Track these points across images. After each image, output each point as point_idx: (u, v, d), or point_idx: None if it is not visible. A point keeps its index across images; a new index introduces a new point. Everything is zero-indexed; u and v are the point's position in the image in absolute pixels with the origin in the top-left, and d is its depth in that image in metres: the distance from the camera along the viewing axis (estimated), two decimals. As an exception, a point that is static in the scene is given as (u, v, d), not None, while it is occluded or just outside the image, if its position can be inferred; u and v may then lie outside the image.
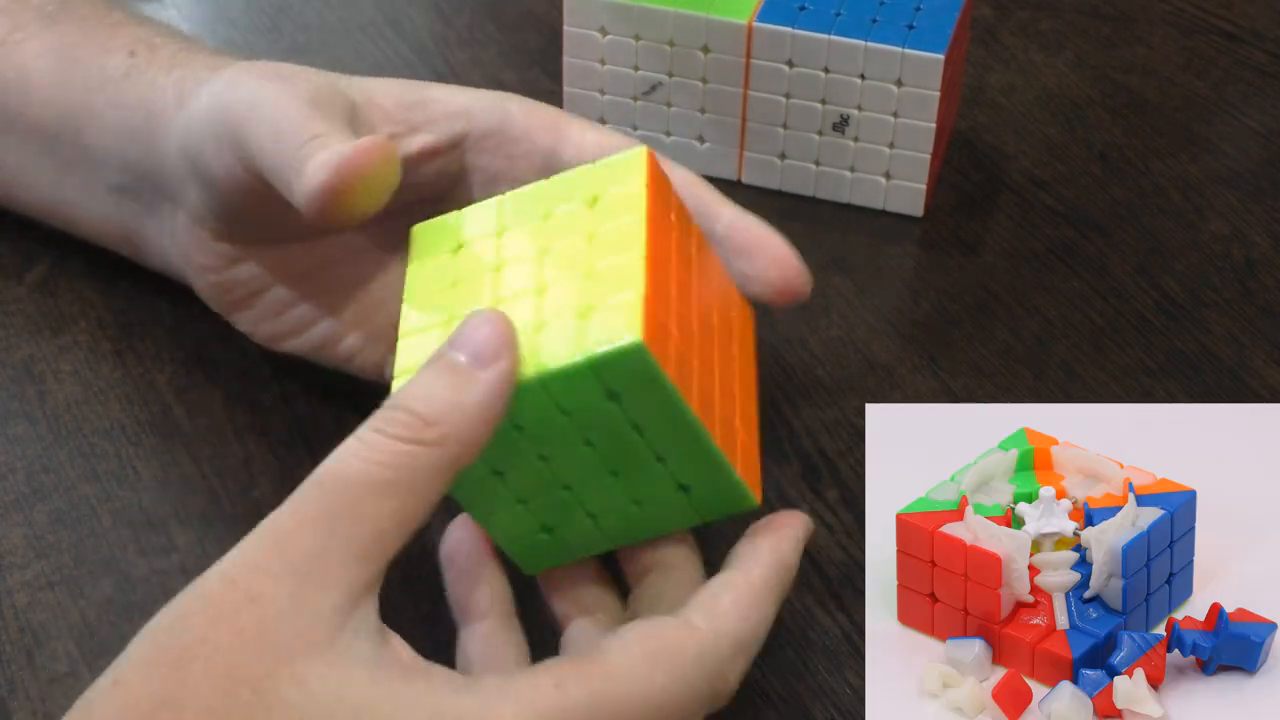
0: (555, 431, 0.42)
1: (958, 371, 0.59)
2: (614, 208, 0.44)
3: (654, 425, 0.42)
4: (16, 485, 0.55)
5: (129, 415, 0.57)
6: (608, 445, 0.43)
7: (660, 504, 0.45)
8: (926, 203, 0.65)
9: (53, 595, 0.52)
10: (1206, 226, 0.65)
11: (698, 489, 0.44)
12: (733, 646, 0.42)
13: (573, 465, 0.43)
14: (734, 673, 0.42)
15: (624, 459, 0.43)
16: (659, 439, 0.43)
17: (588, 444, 0.43)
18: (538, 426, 0.42)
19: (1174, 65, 0.73)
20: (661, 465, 0.44)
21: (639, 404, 0.42)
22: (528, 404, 0.41)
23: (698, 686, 0.41)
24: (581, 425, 0.42)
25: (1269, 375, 0.59)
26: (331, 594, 0.38)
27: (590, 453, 0.43)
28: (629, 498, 0.44)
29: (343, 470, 0.40)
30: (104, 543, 0.53)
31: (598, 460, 0.43)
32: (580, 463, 0.43)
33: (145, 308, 0.61)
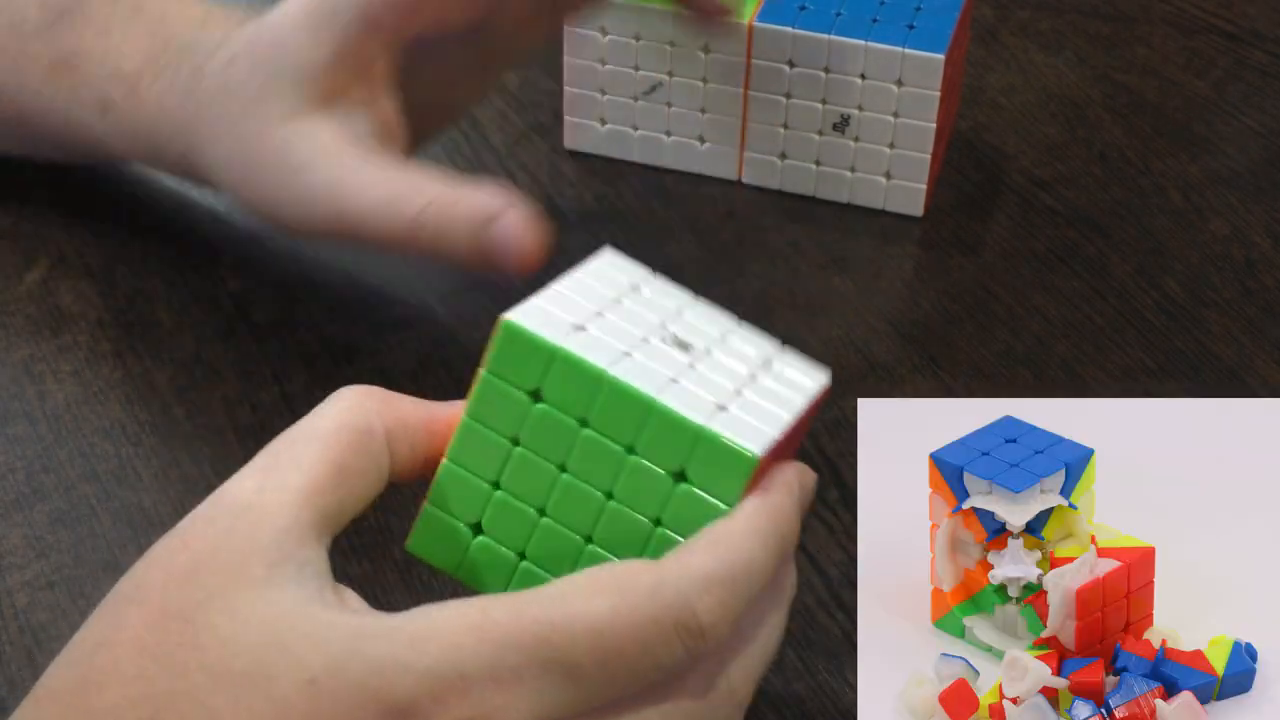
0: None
1: (958, 371, 0.59)
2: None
3: None
4: (16, 485, 0.55)
5: (129, 415, 0.57)
6: None
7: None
8: (926, 203, 0.65)
9: (53, 595, 0.52)
10: (1207, 226, 0.65)
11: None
12: (700, 579, 0.38)
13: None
14: (706, 610, 0.38)
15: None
16: None
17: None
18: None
19: (1174, 65, 0.73)
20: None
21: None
22: None
23: (655, 618, 0.37)
24: None
25: (1269, 375, 0.59)
26: (266, 531, 0.38)
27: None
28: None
29: (290, 429, 0.41)
30: (104, 543, 0.53)
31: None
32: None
33: (145, 308, 0.61)
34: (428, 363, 0.59)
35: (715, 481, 0.39)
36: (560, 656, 0.37)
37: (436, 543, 0.42)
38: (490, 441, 0.41)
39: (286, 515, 0.38)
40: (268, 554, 0.37)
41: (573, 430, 0.40)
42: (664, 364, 0.41)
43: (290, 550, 0.38)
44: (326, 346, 0.59)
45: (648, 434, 0.40)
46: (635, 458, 0.40)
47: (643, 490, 0.40)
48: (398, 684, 0.36)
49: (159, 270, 0.62)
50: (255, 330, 0.60)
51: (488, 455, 0.41)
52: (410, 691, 0.36)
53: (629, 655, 0.37)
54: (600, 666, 0.37)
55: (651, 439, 0.40)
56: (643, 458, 0.40)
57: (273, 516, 0.38)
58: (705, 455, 0.39)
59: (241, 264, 0.62)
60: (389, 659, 0.36)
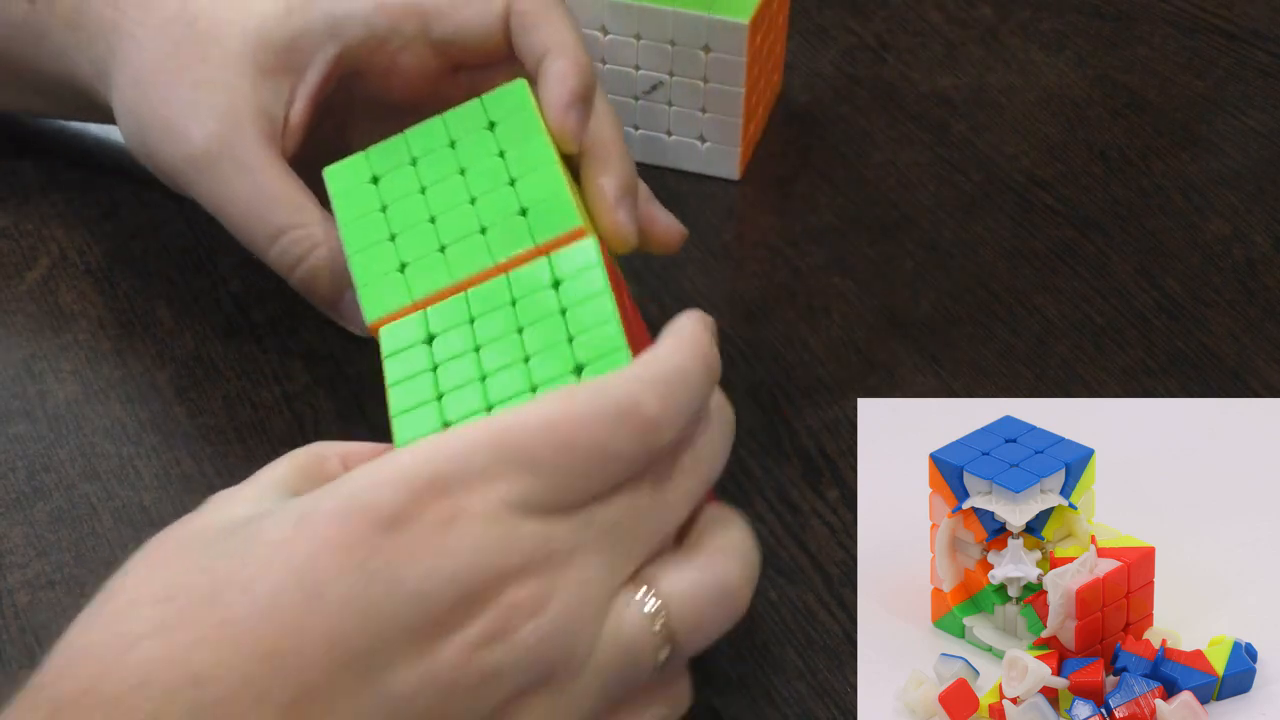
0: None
1: (958, 371, 0.59)
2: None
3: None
4: (17, 484, 0.55)
5: (129, 414, 0.57)
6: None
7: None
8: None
9: (53, 594, 0.52)
10: (1207, 226, 0.65)
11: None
12: (641, 380, 0.41)
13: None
14: (649, 404, 0.41)
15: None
16: None
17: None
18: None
19: (1174, 65, 0.73)
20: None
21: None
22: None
23: (603, 410, 0.40)
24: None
25: (1270, 375, 0.59)
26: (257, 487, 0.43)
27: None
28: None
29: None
30: (104, 542, 0.53)
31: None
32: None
33: (145, 308, 0.61)
34: (428, 362, 0.59)
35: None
36: (520, 451, 0.40)
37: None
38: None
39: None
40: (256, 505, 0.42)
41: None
42: None
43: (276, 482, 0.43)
44: (326, 346, 0.59)
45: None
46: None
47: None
48: (379, 497, 0.39)
49: (159, 270, 0.62)
50: (255, 330, 0.60)
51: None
52: (391, 500, 0.39)
53: (582, 446, 0.40)
54: (557, 457, 0.40)
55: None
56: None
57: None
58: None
59: (241, 264, 0.62)
60: (365, 480, 0.40)
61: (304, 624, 0.38)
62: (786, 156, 0.68)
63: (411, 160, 0.51)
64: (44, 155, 0.66)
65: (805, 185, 0.67)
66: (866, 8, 0.76)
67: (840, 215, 0.65)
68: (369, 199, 0.51)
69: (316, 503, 0.40)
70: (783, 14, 0.68)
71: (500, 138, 0.51)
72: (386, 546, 0.39)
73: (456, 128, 0.51)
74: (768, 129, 0.69)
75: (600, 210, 0.51)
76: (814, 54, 0.73)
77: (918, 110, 0.70)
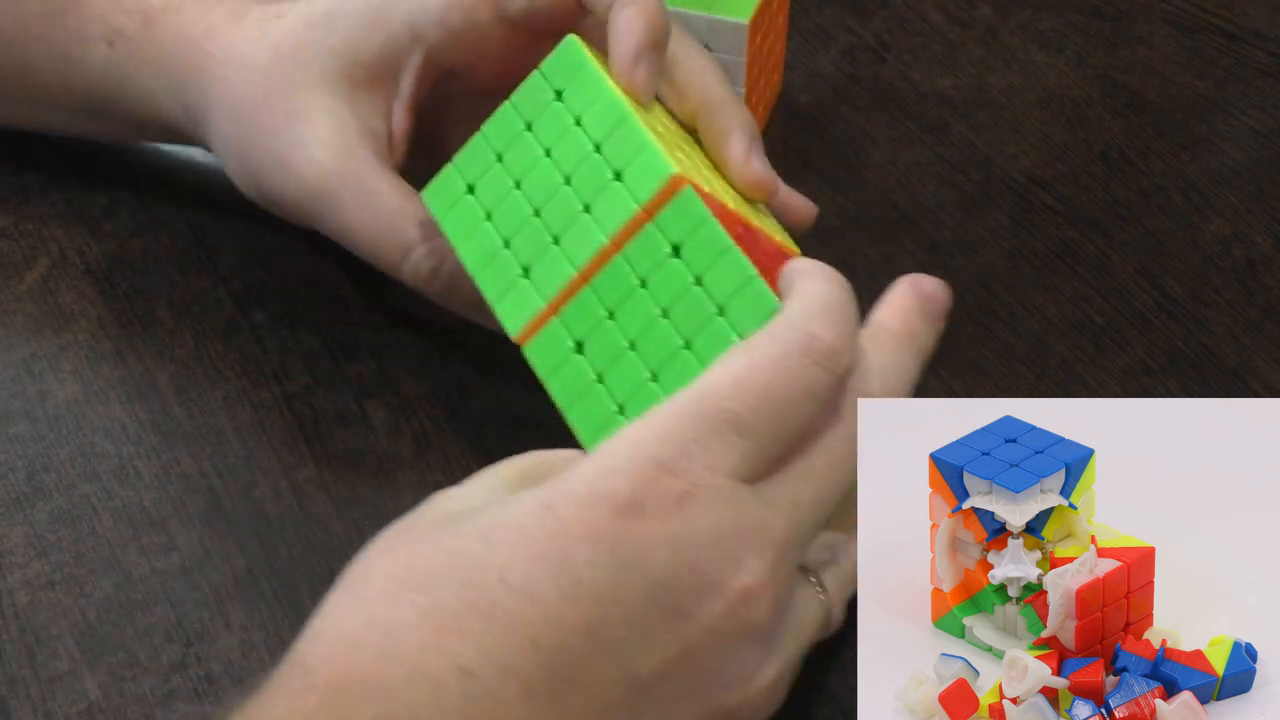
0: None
1: (958, 371, 0.59)
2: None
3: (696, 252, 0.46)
4: (17, 484, 0.55)
5: (129, 415, 0.57)
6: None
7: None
8: None
9: (53, 594, 0.52)
10: (1207, 226, 0.65)
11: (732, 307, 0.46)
12: (804, 314, 0.43)
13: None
14: (823, 330, 0.43)
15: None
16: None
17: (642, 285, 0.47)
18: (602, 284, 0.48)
19: (1174, 65, 0.73)
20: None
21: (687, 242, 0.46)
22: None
23: (785, 353, 0.42)
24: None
25: (1270, 375, 0.59)
26: (487, 480, 0.44)
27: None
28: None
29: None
30: (104, 542, 0.53)
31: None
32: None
33: (145, 308, 0.61)
34: (427, 362, 0.59)
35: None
36: (723, 415, 0.41)
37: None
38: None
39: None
40: (493, 493, 0.43)
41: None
42: None
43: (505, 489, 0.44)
44: (326, 346, 0.59)
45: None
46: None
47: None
48: (615, 484, 0.40)
49: (159, 270, 0.62)
50: (255, 330, 0.60)
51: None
52: (627, 488, 0.40)
53: (778, 394, 0.42)
54: (758, 412, 0.42)
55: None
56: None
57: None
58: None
59: (241, 264, 0.62)
60: (597, 467, 0.41)
61: (564, 614, 0.39)
62: (786, 157, 0.68)
63: (497, 157, 0.50)
64: (44, 155, 0.66)
65: (805, 185, 0.67)
66: (866, 8, 0.76)
67: (840, 215, 0.65)
68: (472, 211, 0.50)
69: (555, 492, 0.41)
70: (783, 14, 0.68)
71: (570, 104, 0.50)
72: (630, 533, 0.40)
73: (527, 108, 0.50)
74: (768, 129, 0.69)
75: (730, 166, 0.53)
76: (814, 54, 0.73)
77: (918, 110, 0.70)
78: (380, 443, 0.56)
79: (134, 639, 0.51)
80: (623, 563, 0.40)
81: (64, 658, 0.50)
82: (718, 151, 0.53)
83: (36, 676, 0.50)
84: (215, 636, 0.51)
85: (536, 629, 0.39)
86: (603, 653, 0.40)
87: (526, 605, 0.39)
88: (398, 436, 0.56)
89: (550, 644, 0.39)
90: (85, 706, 0.49)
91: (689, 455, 0.41)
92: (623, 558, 0.40)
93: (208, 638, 0.51)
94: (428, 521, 0.42)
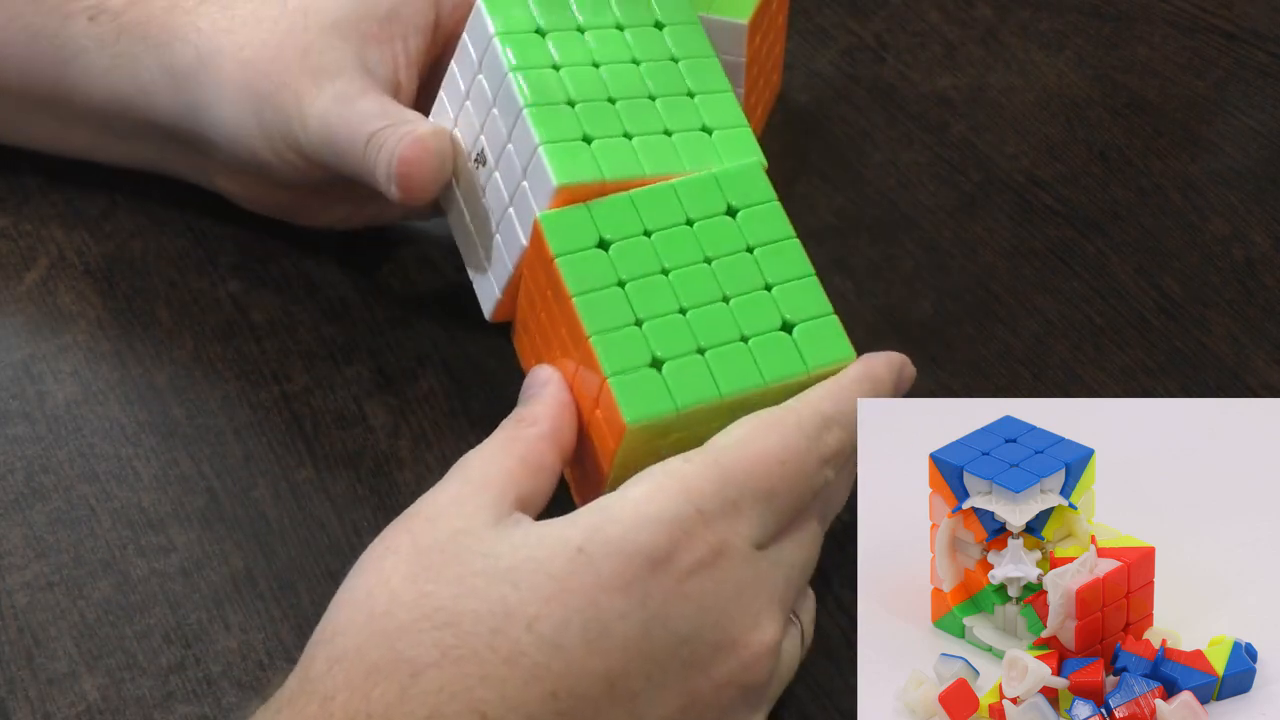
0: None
1: (957, 371, 0.59)
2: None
3: None
4: (16, 485, 0.55)
5: (128, 415, 0.57)
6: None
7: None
8: None
9: (52, 595, 0.52)
10: (1206, 226, 0.65)
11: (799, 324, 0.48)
12: (823, 416, 0.46)
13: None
14: (827, 444, 0.46)
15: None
16: None
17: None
18: None
19: (1174, 65, 0.73)
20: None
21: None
22: None
23: (802, 446, 0.45)
24: None
25: (1269, 375, 0.59)
26: (487, 496, 0.43)
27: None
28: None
29: (476, 459, 0.46)
30: (103, 543, 0.53)
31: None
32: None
33: (144, 308, 0.61)
34: (428, 363, 0.59)
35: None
36: (762, 485, 0.44)
37: (643, 398, 0.46)
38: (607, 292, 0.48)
39: (495, 489, 0.44)
40: (489, 512, 0.43)
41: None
42: None
43: (504, 508, 0.43)
44: (326, 346, 0.59)
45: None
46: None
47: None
48: (653, 535, 0.41)
49: (159, 270, 0.62)
50: (255, 330, 0.60)
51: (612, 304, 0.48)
52: (665, 538, 0.41)
53: (804, 483, 0.45)
54: (787, 490, 0.44)
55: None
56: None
57: (495, 488, 0.44)
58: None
59: (241, 264, 0.62)
60: (634, 519, 0.41)
61: (587, 665, 0.40)
62: (786, 157, 0.68)
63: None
64: (43, 155, 0.66)
65: (805, 185, 0.67)
66: (866, 8, 0.76)
67: (840, 215, 0.65)
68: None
69: (590, 536, 0.41)
70: (782, 14, 0.68)
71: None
72: (660, 586, 0.41)
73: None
74: (767, 129, 0.69)
75: None
76: (813, 54, 0.73)
77: (917, 110, 0.70)
78: (379, 443, 0.56)
79: (133, 640, 0.51)
80: (652, 616, 0.40)
81: (63, 659, 0.50)
82: None
83: (35, 678, 0.50)
84: (214, 638, 0.51)
85: (558, 680, 0.39)
86: (618, 702, 0.40)
87: (552, 655, 0.39)
88: (397, 437, 0.56)
89: (569, 693, 0.39)
90: (84, 708, 0.49)
91: (726, 513, 0.43)
92: (653, 611, 0.40)
93: (206, 639, 0.51)
94: (447, 541, 0.42)
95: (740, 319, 0.48)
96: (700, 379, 0.46)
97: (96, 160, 0.63)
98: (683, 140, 0.51)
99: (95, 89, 0.59)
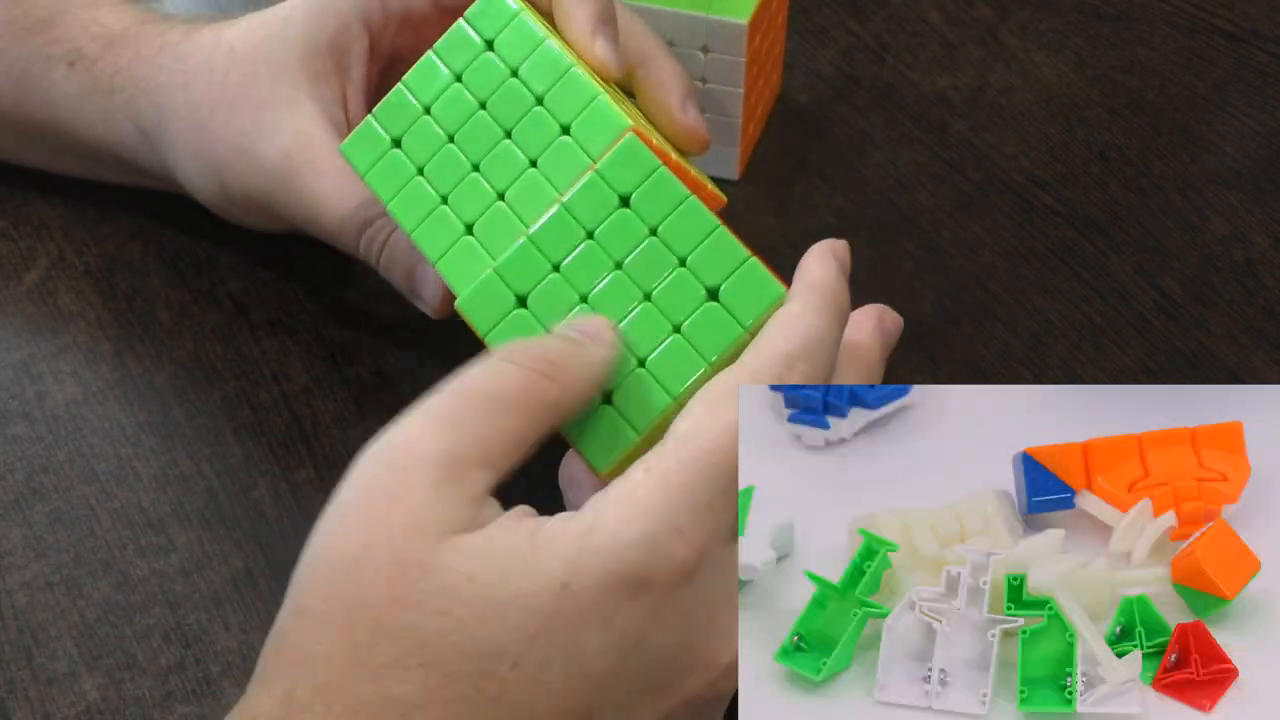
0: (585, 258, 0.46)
1: (957, 371, 0.59)
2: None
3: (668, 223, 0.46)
4: (15, 485, 0.55)
5: (128, 416, 0.57)
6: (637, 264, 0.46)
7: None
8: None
9: (52, 595, 0.52)
10: (1206, 226, 0.65)
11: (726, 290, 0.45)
12: (779, 357, 0.43)
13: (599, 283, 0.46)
14: (794, 383, 0.44)
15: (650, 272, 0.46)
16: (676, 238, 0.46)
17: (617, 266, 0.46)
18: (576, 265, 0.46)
19: (1174, 65, 0.73)
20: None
21: (647, 202, 0.46)
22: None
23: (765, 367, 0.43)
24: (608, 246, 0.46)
25: (1269, 375, 0.59)
26: (465, 489, 0.41)
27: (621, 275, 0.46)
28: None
29: (473, 386, 0.42)
30: (103, 543, 0.53)
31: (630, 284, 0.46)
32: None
33: (144, 309, 0.61)
34: (428, 363, 0.59)
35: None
36: (727, 474, 0.42)
37: (603, 440, 0.45)
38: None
39: (478, 475, 0.42)
40: (469, 508, 0.41)
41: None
42: None
43: (481, 501, 0.41)
44: (326, 346, 0.59)
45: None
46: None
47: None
48: (634, 560, 0.40)
49: (159, 270, 0.62)
50: (255, 330, 0.60)
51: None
52: (645, 561, 0.40)
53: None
54: (720, 474, 0.42)
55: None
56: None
57: (471, 478, 0.41)
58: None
59: (241, 264, 0.62)
60: (615, 544, 0.40)
61: (567, 700, 0.40)
62: (785, 157, 0.68)
63: (424, 109, 0.49)
64: (43, 156, 0.66)
65: (804, 185, 0.67)
66: (866, 8, 0.76)
67: (839, 215, 0.65)
68: (401, 167, 0.49)
69: (573, 569, 0.40)
70: (781, 14, 0.68)
71: (502, 53, 0.48)
72: (640, 612, 0.40)
73: (453, 59, 0.49)
74: (767, 129, 0.69)
75: (668, 115, 0.53)
76: (813, 54, 0.73)
77: (917, 110, 0.70)
78: (379, 443, 0.56)
79: (132, 640, 0.51)
80: (629, 644, 0.40)
81: (63, 659, 0.50)
82: (654, 103, 0.54)
83: (35, 678, 0.50)
84: (214, 638, 0.51)
85: (538, 714, 0.40)
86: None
87: (532, 692, 0.39)
88: (397, 437, 0.56)
89: None
90: (84, 708, 0.49)
91: (700, 516, 0.41)
92: (630, 639, 0.40)
93: (206, 639, 0.51)
94: (426, 555, 0.40)
95: (667, 310, 0.46)
96: (649, 392, 0.45)
97: (97, 181, 0.65)
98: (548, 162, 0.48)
99: (81, 134, 0.61)
